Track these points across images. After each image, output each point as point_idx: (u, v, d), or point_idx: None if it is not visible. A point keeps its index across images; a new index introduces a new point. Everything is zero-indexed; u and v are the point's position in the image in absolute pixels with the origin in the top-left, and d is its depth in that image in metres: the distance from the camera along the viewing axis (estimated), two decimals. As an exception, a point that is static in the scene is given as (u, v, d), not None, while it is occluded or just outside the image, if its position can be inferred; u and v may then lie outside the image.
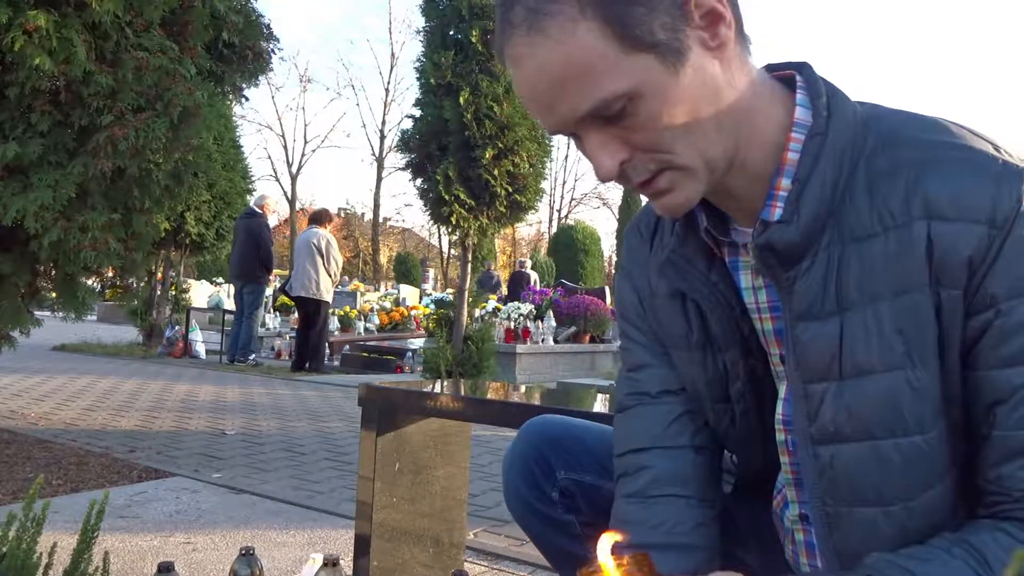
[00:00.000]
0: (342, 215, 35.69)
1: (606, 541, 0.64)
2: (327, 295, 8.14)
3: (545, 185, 7.25)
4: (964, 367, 0.74)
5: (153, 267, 9.59)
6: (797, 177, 0.77)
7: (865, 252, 0.75)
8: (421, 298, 15.57)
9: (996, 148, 0.75)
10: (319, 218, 8.44)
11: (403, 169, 7.15)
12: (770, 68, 0.85)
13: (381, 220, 34.19)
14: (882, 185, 0.75)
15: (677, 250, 0.89)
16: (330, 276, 8.15)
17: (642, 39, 0.70)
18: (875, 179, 0.75)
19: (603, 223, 43.46)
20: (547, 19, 0.70)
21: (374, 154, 33.93)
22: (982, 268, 0.71)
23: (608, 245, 31.93)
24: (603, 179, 0.77)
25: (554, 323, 8.89)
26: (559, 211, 36.41)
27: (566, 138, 0.82)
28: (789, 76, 0.83)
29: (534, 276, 14.70)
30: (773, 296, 0.85)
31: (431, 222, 7.09)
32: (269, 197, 9.21)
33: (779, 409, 0.89)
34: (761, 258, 0.80)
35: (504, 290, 14.99)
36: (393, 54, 33.31)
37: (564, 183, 36.79)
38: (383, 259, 34.15)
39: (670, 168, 0.76)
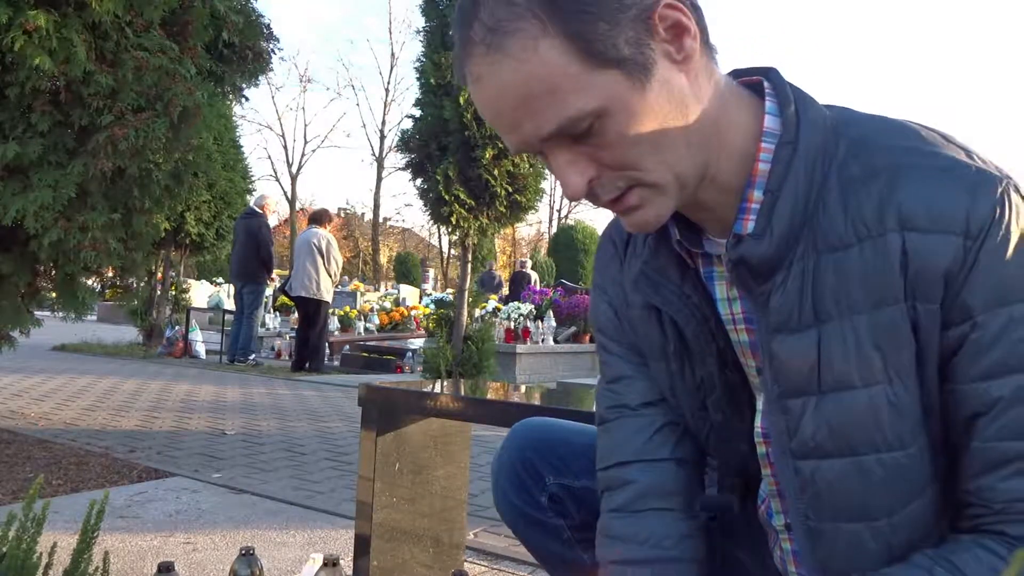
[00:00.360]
0: (342, 215, 35.68)
1: None
2: (327, 295, 8.14)
3: (545, 185, 7.25)
4: (942, 380, 0.73)
5: (153, 267, 9.59)
6: (768, 188, 0.76)
7: (840, 263, 0.73)
8: (421, 298, 15.57)
9: (969, 154, 0.73)
10: (319, 218, 8.45)
11: (403, 169, 7.16)
12: (736, 74, 0.83)
13: (381, 220, 34.19)
14: (855, 193, 0.74)
15: (650, 262, 0.88)
16: (330, 276, 8.16)
17: (606, 55, 0.69)
18: (848, 187, 0.74)
19: (603, 223, 43.34)
20: (508, 37, 0.68)
21: (374, 154, 33.96)
22: (958, 279, 0.70)
23: (608, 245, 31.89)
24: (571, 197, 0.75)
25: (554, 323, 8.89)
26: (559, 211, 36.41)
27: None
28: (757, 82, 0.82)
29: (534, 276, 14.71)
30: (747, 307, 0.83)
31: (431, 222, 7.09)
32: (269, 197, 9.19)
33: (758, 421, 0.87)
34: (735, 273, 0.79)
35: (506, 290, 14.98)
36: (393, 54, 33.33)
37: (564, 183, 36.72)
38: (383, 259, 34.14)
39: (640, 185, 0.74)
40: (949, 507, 0.76)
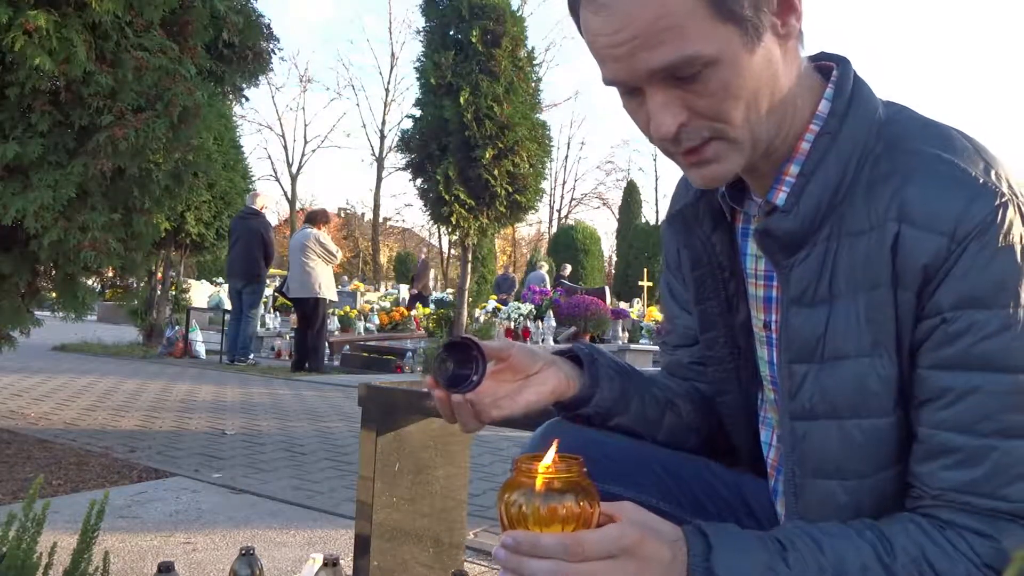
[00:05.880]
0: (342, 215, 35.66)
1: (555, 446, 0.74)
2: (327, 291, 8.05)
3: (545, 185, 7.26)
4: (912, 366, 0.79)
5: (153, 267, 9.58)
6: (803, 171, 0.82)
7: (854, 247, 0.79)
8: (421, 298, 15.56)
9: (988, 170, 0.77)
10: (314, 218, 8.37)
11: (403, 169, 7.17)
12: (814, 57, 0.89)
13: (381, 220, 34.18)
14: (877, 187, 0.79)
15: (689, 206, 0.97)
16: (328, 264, 8.07)
17: (732, 11, 0.74)
18: (874, 181, 0.79)
19: (603, 223, 43.38)
20: None
21: (374, 154, 33.90)
22: (936, 277, 0.75)
23: (608, 245, 31.94)
24: (660, 137, 0.79)
25: (554, 323, 8.89)
26: (559, 211, 36.41)
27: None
28: (829, 68, 0.87)
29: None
30: (769, 268, 0.90)
31: (431, 222, 7.10)
32: (261, 195, 9.13)
33: (764, 370, 0.96)
34: (761, 243, 0.85)
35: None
36: (393, 54, 33.30)
37: (564, 183, 36.78)
38: (383, 259, 34.13)
39: (721, 138, 0.79)
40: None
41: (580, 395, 0.98)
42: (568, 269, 16.79)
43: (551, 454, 0.72)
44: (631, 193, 29.72)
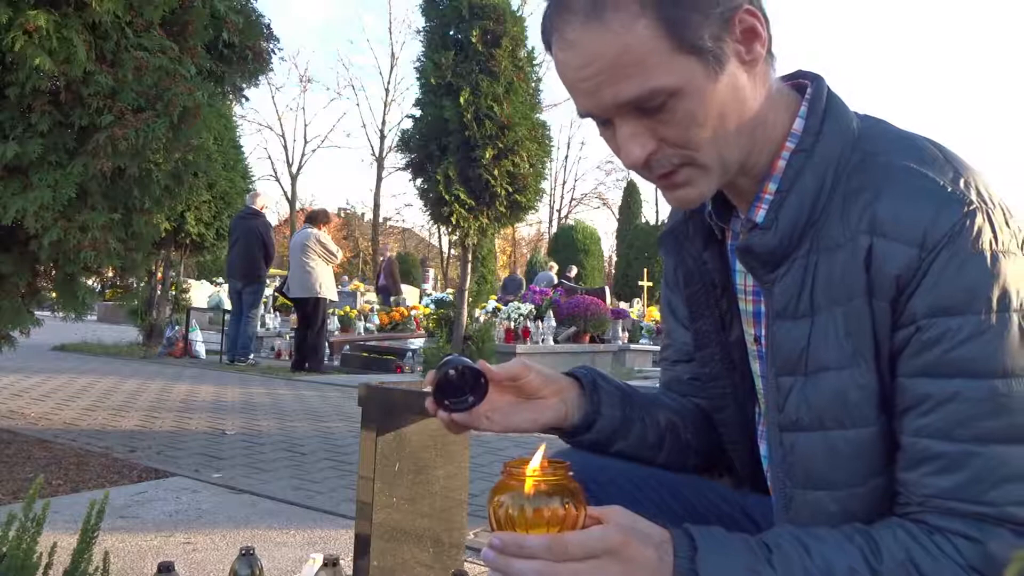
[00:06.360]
0: (342, 215, 35.65)
1: (543, 450, 0.76)
2: (327, 291, 8.06)
3: (545, 185, 7.26)
4: (892, 375, 0.80)
5: (153, 267, 9.58)
6: (780, 188, 0.85)
7: (832, 261, 0.81)
8: (421, 298, 15.57)
9: (956, 178, 0.78)
10: (314, 218, 8.37)
11: (403, 169, 7.17)
12: (787, 76, 0.92)
13: (381, 220, 34.18)
14: (851, 202, 0.81)
15: (680, 224, 1.00)
16: (328, 265, 8.06)
17: (692, 43, 0.77)
18: (848, 195, 0.82)
19: (603, 223, 43.32)
20: (609, 12, 0.76)
21: (374, 154, 33.89)
22: (909, 287, 0.77)
23: (608, 245, 31.94)
24: (630, 166, 0.83)
25: (554, 323, 8.89)
26: (559, 211, 36.41)
27: (582, 123, 0.89)
28: (804, 85, 0.90)
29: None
30: (757, 283, 0.92)
31: (431, 222, 7.10)
32: (261, 195, 9.12)
33: (759, 384, 0.98)
34: (743, 260, 0.88)
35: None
36: (393, 54, 33.28)
37: (564, 183, 36.78)
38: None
39: (691, 164, 0.82)
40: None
41: (581, 423, 1.00)
42: (574, 271, 16.84)
43: (538, 457, 0.75)
44: (631, 193, 29.71)
